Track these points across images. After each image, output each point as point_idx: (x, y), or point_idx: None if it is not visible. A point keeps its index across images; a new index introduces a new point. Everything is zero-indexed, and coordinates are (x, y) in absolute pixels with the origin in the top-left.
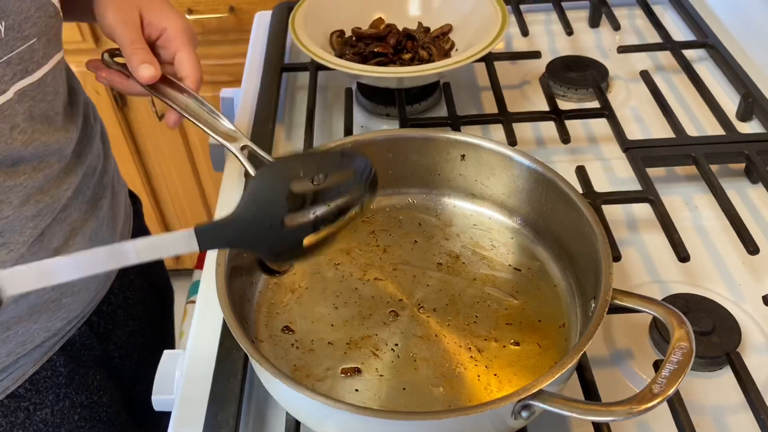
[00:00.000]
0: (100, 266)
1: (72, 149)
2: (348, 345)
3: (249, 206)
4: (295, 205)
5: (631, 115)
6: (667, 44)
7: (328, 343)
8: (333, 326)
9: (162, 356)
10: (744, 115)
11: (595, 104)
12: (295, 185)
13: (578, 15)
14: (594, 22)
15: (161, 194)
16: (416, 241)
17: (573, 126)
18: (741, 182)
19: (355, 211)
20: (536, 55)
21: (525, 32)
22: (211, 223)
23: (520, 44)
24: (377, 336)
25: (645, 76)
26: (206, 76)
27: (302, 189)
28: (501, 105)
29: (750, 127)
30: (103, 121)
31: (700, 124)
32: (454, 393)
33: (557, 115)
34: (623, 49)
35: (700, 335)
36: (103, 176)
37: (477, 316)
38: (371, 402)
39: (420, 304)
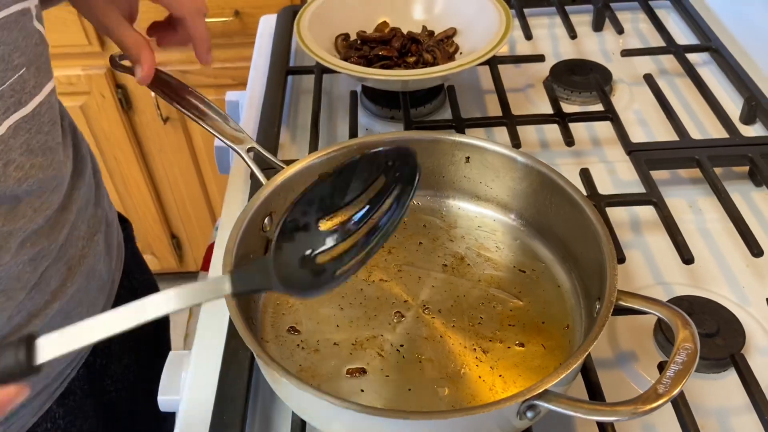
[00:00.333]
0: (129, 322)
1: (67, 183)
2: (353, 346)
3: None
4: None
5: (635, 118)
6: (671, 48)
7: (333, 344)
8: (338, 327)
9: (168, 357)
10: (747, 119)
11: (598, 107)
12: (323, 223)
13: (582, 19)
14: (597, 26)
15: (165, 197)
16: (421, 243)
17: (577, 129)
18: (745, 185)
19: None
20: (540, 58)
21: (529, 36)
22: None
23: (523, 48)
24: (382, 337)
25: (648, 79)
26: (211, 80)
27: (331, 224)
28: (505, 108)
29: (753, 131)
30: (108, 124)
31: (704, 127)
32: (459, 394)
33: (561, 118)
34: (627, 53)
35: (704, 337)
36: (97, 209)
37: (482, 317)
38: (376, 402)
39: (425, 305)
